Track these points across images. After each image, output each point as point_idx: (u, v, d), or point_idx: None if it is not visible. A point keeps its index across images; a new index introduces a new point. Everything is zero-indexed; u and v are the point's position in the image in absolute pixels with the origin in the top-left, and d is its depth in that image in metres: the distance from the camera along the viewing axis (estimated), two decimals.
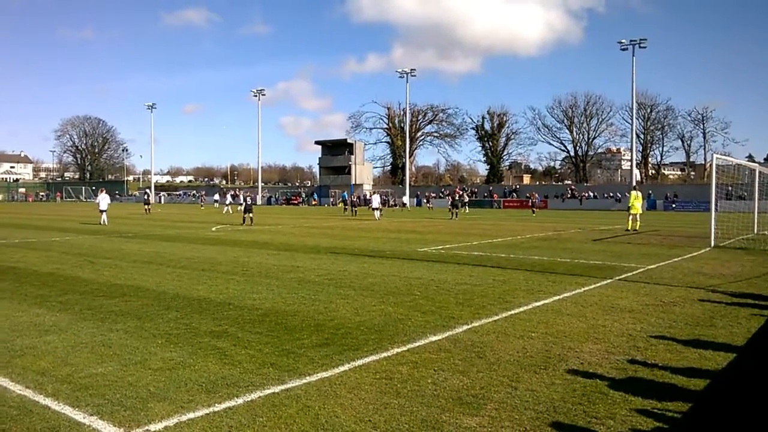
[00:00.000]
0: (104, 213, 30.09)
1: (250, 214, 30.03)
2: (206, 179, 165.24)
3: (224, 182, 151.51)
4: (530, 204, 49.62)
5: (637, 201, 25.50)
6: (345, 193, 59.55)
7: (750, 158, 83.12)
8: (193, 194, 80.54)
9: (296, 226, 29.11)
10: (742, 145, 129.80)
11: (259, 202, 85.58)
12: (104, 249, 17.10)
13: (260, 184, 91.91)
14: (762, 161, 77.53)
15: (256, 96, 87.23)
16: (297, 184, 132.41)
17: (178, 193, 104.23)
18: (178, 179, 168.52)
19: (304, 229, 27.08)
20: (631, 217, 25.52)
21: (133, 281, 10.89)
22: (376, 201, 39.14)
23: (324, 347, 6.29)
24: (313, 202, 78.09)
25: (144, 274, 11.81)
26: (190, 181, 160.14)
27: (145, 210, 45.80)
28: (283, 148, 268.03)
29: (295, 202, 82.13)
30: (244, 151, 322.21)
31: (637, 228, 25.24)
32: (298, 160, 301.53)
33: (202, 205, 68.40)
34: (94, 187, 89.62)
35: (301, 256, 15.08)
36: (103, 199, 30.64)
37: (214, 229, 26.85)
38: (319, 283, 10.74)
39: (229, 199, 51.89)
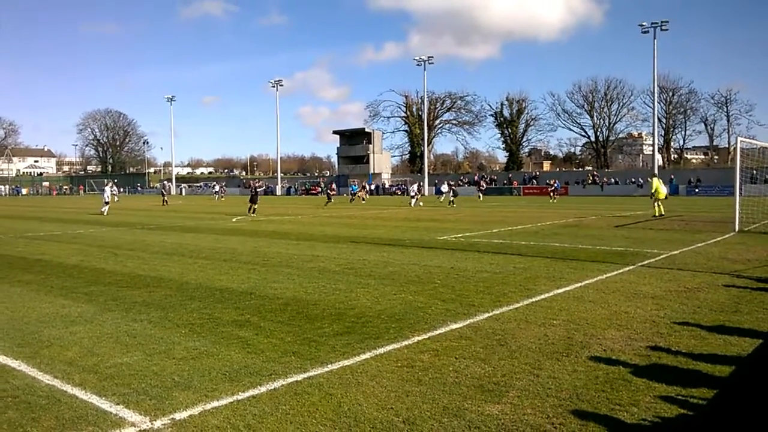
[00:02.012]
0: (107, 205, 32.57)
1: (254, 205, 30.01)
2: (226, 170, 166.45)
3: (244, 173, 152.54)
4: (550, 191, 49.11)
5: (661, 186, 25.15)
6: (354, 185, 59.68)
7: None
8: (214, 185, 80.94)
9: (315, 216, 29.22)
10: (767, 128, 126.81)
11: (278, 192, 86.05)
12: (127, 241, 17.32)
13: (279, 175, 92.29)
14: None
15: (273, 87, 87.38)
16: (316, 174, 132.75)
17: (198, 184, 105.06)
18: (198, 171, 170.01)
19: (323, 218, 27.17)
20: (657, 202, 25.06)
21: (156, 272, 11.03)
22: (413, 189, 41.72)
23: (345, 336, 6.32)
24: (332, 192, 78.23)
25: (166, 265, 11.95)
26: (210, 173, 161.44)
27: (163, 202, 46.22)
28: (302, 138, 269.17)
29: (315, 192, 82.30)
30: (263, 142, 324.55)
31: (664, 213, 24.85)
32: (317, 150, 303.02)
33: (222, 197, 68.89)
34: (116, 180, 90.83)
35: (321, 246, 15.14)
36: (107, 192, 33.43)
37: (234, 220, 27.06)
38: (339, 272, 10.78)
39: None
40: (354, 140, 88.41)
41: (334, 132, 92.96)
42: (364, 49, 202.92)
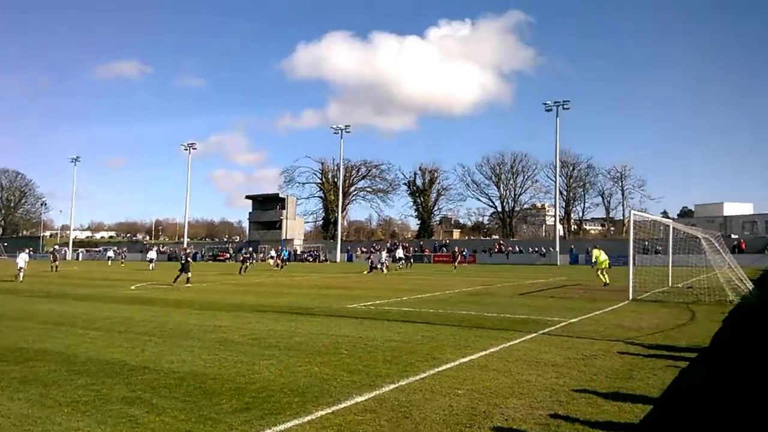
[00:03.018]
0: (22, 270, 30.43)
1: (188, 274, 27.12)
2: (129, 234, 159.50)
3: (147, 238, 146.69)
4: (458, 261, 49.75)
5: (602, 255, 26.28)
6: (285, 251, 57.79)
7: (665, 214, 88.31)
8: (114, 250, 76.94)
9: (222, 284, 28.30)
10: (658, 202, 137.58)
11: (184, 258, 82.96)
12: (11, 309, 15.99)
13: (186, 240, 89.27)
14: (676, 217, 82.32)
15: (186, 150, 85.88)
16: (225, 239, 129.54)
17: (97, 249, 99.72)
18: (99, 235, 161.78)
19: (230, 286, 26.35)
20: (602, 272, 25.88)
21: (41, 344, 10.17)
22: (382, 256, 40.74)
23: (244, 412, 6.01)
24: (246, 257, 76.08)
25: (54, 337, 11.06)
26: (111, 237, 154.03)
27: (53, 267, 42.92)
28: (213, 202, 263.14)
29: (223, 258, 79.95)
30: (170, 206, 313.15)
31: (608, 282, 25.21)
32: (228, 215, 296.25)
33: (122, 262, 65.66)
34: (5, 244, 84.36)
35: (225, 315, 14.60)
36: (22, 258, 31.30)
37: (133, 287, 25.74)
38: (243, 343, 10.37)
39: (153, 255, 49.52)
40: (267, 205, 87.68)
41: (247, 197, 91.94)
42: (282, 115, 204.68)
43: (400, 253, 42.91)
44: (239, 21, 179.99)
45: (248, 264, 41.19)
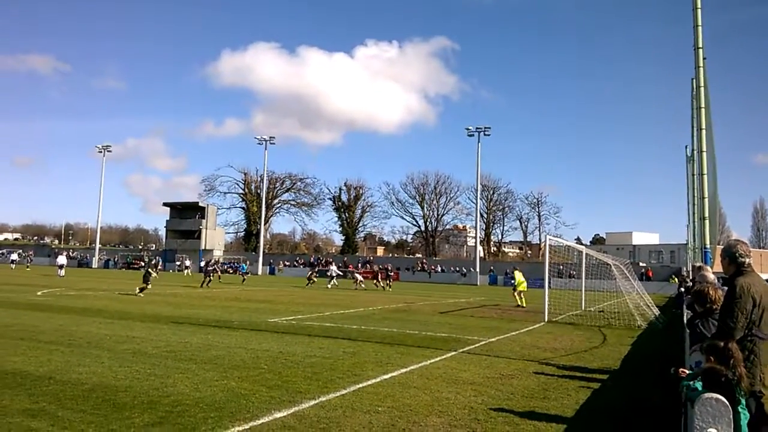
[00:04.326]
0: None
1: (147, 285, 25.69)
2: (36, 237, 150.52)
3: (57, 242, 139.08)
4: (385, 276, 48.14)
5: (521, 278, 27.09)
6: (244, 265, 54.17)
7: (578, 241, 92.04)
8: (19, 253, 72.26)
9: (135, 293, 27.08)
10: (572, 228, 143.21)
11: (95, 264, 79.21)
12: None
13: (98, 246, 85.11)
14: (588, 244, 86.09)
15: (101, 152, 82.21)
16: (140, 246, 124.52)
17: (0, 251, 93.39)
18: (2, 236, 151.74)
19: (144, 295, 25.28)
20: (519, 294, 26.48)
21: None
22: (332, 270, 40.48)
23: (156, 427, 5.74)
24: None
25: None
26: (16, 239, 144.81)
27: None
28: (128, 208, 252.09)
29: (137, 266, 76.73)
30: (82, 210, 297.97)
31: (525, 305, 25.83)
32: (144, 221, 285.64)
33: (28, 266, 61.87)
34: None
35: (139, 326, 13.98)
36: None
37: (39, 293, 24.25)
38: (157, 355, 9.95)
39: (63, 260, 46.57)
40: (186, 214, 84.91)
41: (165, 204, 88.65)
42: (204, 122, 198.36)
43: (333, 269, 42.23)
44: (163, 24, 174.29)
45: (211, 278, 35.91)
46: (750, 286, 4.51)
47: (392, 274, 45.66)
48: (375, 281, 43.34)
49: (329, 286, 39.26)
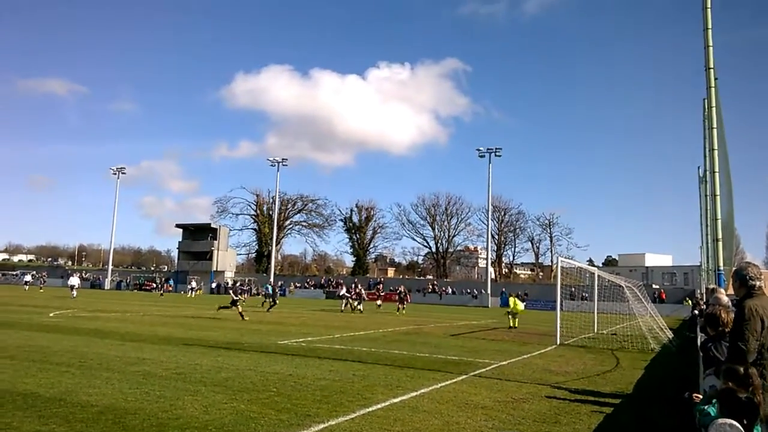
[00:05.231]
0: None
1: (236, 308, 25.74)
2: (50, 259, 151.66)
3: (70, 263, 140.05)
4: (399, 300, 45.50)
5: (518, 303, 27.58)
6: (268, 286, 48.70)
7: (590, 262, 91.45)
8: (32, 275, 72.73)
9: (147, 314, 27.21)
10: (584, 250, 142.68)
11: (107, 286, 79.58)
12: None
13: (110, 267, 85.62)
14: (601, 265, 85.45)
15: (115, 174, 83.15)
16: (153, 268, 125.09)
17: (14, 273, 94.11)
18: (17, 258, 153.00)
19: (155, 317, 25.37)
20: (512, 317, 27.04)
21: None
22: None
23: None
24: (168, 288, 73.29)
25: None
26: (30, 261, 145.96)
27: None
28: (141, 229, 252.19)
29: (149, 287, 76.97)
30: (95, 231, 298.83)
31: (516, 326, 26.68)
32: (156, 243, 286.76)
33: (42, 288, 62.29)
34: None
35: (149, 348, 14.00)
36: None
37: (52, 314, 24.38)
38: (167, 377, 9.95)
39: (75, 281, 46.77)
40: (198, 235, 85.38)
41: (177, 225, 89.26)
42: (218, 144, 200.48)
43: (343, 291, 41.48)
44: (177, 47, 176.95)
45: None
46: (758, 308, 4.48)
47: (406, 297, 44.37)
48: (398, 306, 40.94)
49: (343, 309, 38.00)
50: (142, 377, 9.83)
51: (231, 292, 26.74)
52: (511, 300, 28.15)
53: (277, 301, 34.64)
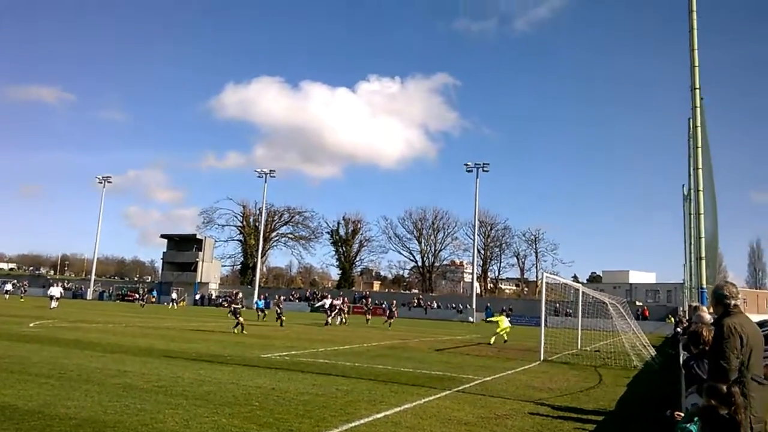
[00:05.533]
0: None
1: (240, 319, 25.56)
2: (32, 268, 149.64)
3: (52, 272, 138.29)
4: (386, 314, 45.15)
5: (502, 321, 27.29)
6: (260, 301, 48.26)
7: (575, 278, 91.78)
8: (13, 284, 71.64)
9: (129, 326, 26.89)
10: (569, 266, 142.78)
11: (89, 296, 78.66)
12: None
13: (93, 278, 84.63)
14: (585, 282, 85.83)
15: (101, 183, 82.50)
16: (136, 278, 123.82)
17: None
18: None
19: (137, 328, 25.08)
20: (499, 334, 26.71)
21: None
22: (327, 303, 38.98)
23: None
24: (152, 300, 72.56)
25: None
26: (11, 269, 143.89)
27: None
28: (125, 239, 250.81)
29: (131, 298, 76.12)
30: (79, 241, 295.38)
31: (492, 343, 26.12)
32: (140, 253, 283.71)
33: (22, 297, 61.39)
34: None
35: (130, 359, 13.82)
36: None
37: (32, 325, 24.02)
38: (147, 390, 9.82)
39: (56, 292, 45.91)
40: (183, 246, 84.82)
41: (162, 236, 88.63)
42: (205, 155, 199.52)
43: (327, 303, 40.79)
44: (167, 57, 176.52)
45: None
46: (736, 326, 4.52)
47: (395, 310, 43.86)
48: (386, 319, 40.96)
49: (329, 321, 37.44)
50: (122, 390, 9.69)
51: (231, 304, 26.54)
52: (500, 319, 27.80)
53: (284, 318, 33.51)
